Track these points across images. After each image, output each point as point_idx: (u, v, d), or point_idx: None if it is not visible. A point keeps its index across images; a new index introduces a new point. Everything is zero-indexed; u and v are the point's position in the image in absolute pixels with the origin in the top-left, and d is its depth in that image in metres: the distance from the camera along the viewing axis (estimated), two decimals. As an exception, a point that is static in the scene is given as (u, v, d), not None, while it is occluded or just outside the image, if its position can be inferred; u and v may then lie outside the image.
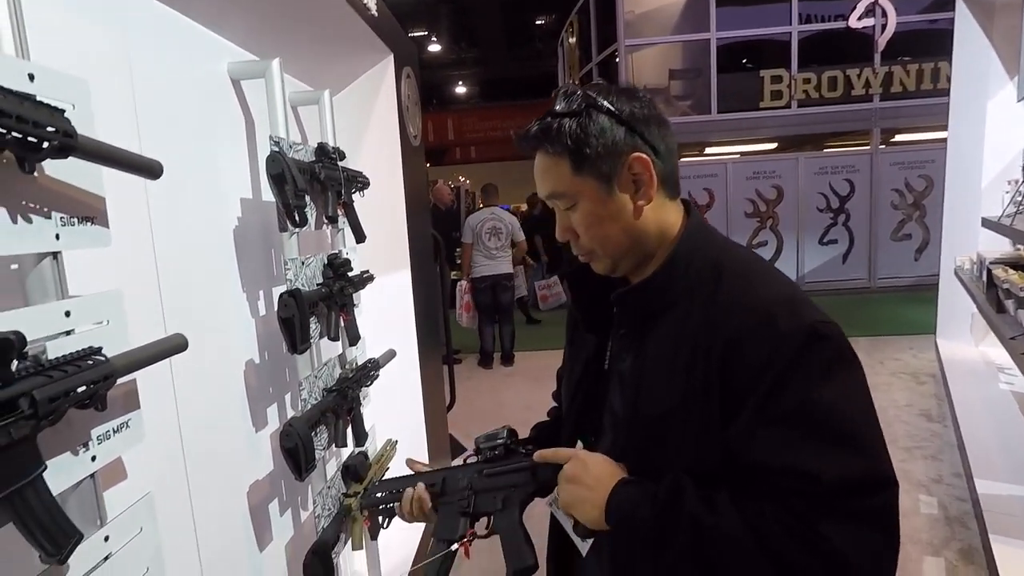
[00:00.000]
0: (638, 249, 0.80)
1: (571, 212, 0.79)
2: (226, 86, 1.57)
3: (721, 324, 0.71)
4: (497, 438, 0.91)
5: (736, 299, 0.72)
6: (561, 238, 0.83)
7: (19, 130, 0.65)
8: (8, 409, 0.63)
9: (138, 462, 1.00)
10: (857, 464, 0.65)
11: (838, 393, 0.67)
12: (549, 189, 0.80)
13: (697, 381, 0.72)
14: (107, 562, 0.83)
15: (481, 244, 5.21)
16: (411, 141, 2.65)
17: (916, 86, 7.47)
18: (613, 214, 0.77)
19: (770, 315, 0.70)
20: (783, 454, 0.66)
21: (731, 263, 0.77)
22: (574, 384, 0.91)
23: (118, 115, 1.12)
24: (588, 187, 0.76)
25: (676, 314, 0.76)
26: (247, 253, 1.56)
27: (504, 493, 0.86)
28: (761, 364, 0.68)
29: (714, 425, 0.71)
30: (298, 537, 1.77)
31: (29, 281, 0.78)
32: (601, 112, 0.75)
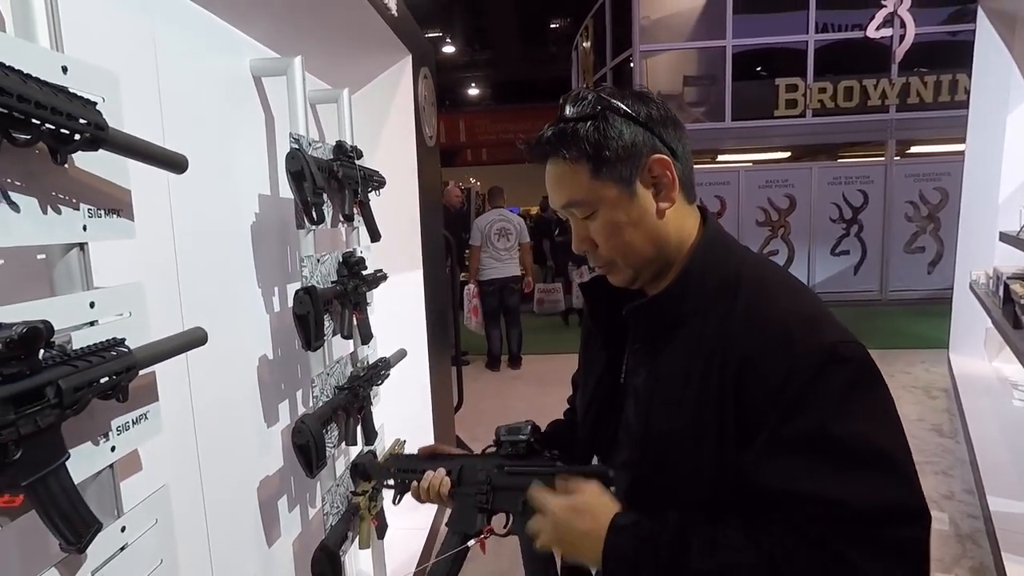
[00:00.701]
0: (660, 257, 0.76)
1: (589, 221, 0.75)
2: (248, 83, 1.58)
3: (737, 340, 0.68)
4: (520, 433, 0.87)
5: (753, 314, 0.69)
6: (578, 249, 0.79)
7: (53, 122, 0.66)
8: (35, 397, 0.64)
9: (153, 454, 1.01)
10: (889, 491, 0.61)
11: (863, 416, 0.63)
12: (566, 198, 0.75)
13: (711, 399, 0.68)
14: (123, 552, 0.83)
15: (490, 246, 5.19)
16: (427, 142, 2.65)
17: (933, 98, 7.41)
18: (635, 220, 0.74)
19: (787, 332, 0.66)
20: (804, 481, 0.62)
21: (750, 275, 0.73)
22: (588, 396, 0.89)
23: (144, 109, 1.13)
24: (608, 193, 0.73)
25: (691, 328, 0.73)
26: (264, 249, 1.56)
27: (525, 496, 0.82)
28: (777, 385, 0.64)
29: (729, 445, 0.68)
30: (306, 534, 1.78)
31: (56, 272, 0.78)
32: (618, 114, 0.72)
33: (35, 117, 0.64)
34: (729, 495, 0.68)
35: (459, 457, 0.95)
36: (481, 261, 5.21)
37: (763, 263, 0.78)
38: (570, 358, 0.98)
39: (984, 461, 2.90)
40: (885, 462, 0.63)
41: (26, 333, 0.61)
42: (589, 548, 0.71)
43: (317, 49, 1.83)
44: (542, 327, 6.96)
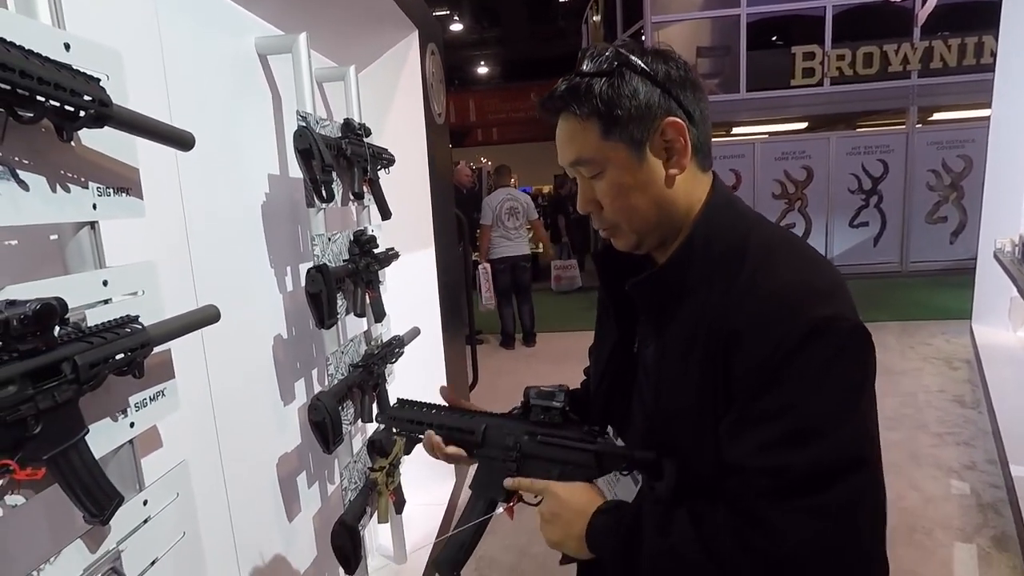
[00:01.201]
0: (665, 223, 0.74)
1: (596, 181, 0.73)
2: (253, 61, 1.57)
3: (731, 313, 0.66)
4: (554, 399, 0.82)
5: (752, 286, 0.66)
6: (583, 209, 0.77)
7: (57, 98, 0.66)
8: (52, 373, 0.65)
9: (172, 432, 1.03)
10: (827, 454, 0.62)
11: (825, 393, 0.62)
12: (574, 155, 0.73)
13: (709, 374, 0.68)
14: (146, 525, 0.85)
15: (501, 225, 5.22)
16: (435, 119, 2.63)
17: (958, 62, 7.16)
18: (642, 184, 0.71)
19: (779, 307, 0.64)
20: (758, 455, 0.63)
21: (759, 243, 0.70)
22: (602, 367, 0.87)
23: (149, 88, 1.13)
24: (617, 153, 0.70)
25: (695, 300, 0.71)
26: (275, 228, 1.57)
27: (560, 468, 0.78)
28: (758, 361, 0.63)
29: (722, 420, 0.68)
30: (326, 509, 1.81)
31: (68, 250, 0.79)
32: (635, 72, 0.68)
33: (38, 93, 0.64)
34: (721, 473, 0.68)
35: (480, 415, 0.89)
36: (492, 240, 5.22)
37: (775, 231, 0.74)
38: (585, 335, 0.95)
39: (1008, 431, 2.86)
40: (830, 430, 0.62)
41: (40, 310, 0.62)
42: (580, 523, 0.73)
43: (322, 27, 1.81)
44: (557, 304, 6.96)
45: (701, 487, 0.69)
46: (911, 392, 3.68)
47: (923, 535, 2.34)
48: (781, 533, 0.61)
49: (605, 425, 0.84)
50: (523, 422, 0.85)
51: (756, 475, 0.63)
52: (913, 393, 3.67)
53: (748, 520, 0.63)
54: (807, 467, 0.61)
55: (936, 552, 2.25)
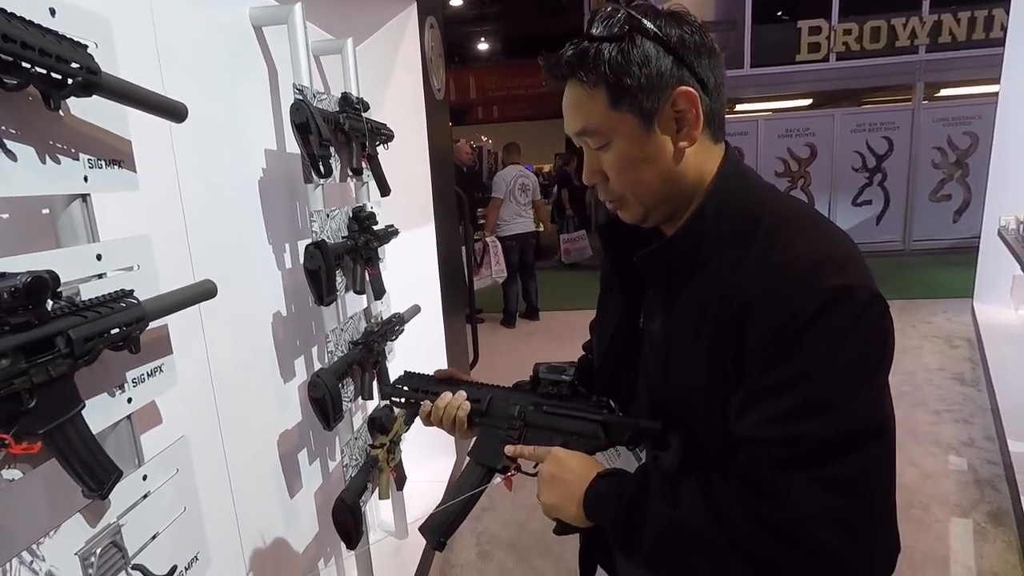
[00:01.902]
0: (674, 197, 0.71)
1: (602, 152, 0.71)
2: (248, 32, 1.53)
3: (744, 285, 0.64)
4: (563, 374, 0.82)
5: (765, 258, 0.64)
6: (588, 181, 0.74)
7: (42, 64, 0.64)
8: (45, 347, 0.64)
9: (172, 408, 1.03)
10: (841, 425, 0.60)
11: (842, 362, 0.60)
12: (580, 124, 0.70)
13: (720, 349, 0.66)
14: (146, 500, 0.85)
15: (513, 200, 5.28)
16: (435, 94, 2.59)
17: (967, 36, 7.02)
18: (650, 156, 0.68)
19: (794, 277, 0.62)
20: (770, 426, 0.61)
21: (772, 215, 0.68)
22: (607, 341, 0.86)
23: (140, 59, 1.10)
24: (625, 124, 0.67)
25: (706, 274, 0.69)
26: (272, 204, 1.55)
27: (564, 438, 0.78)
28: (772, 332, 0.61)
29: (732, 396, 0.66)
30: (327, 485, 1.82)
31: (60, 223, 0.78)
32: (647, 38, 0.65)
33: (23, 59, 0.62)
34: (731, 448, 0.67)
35: (486, 387, 0.90)
36: (503, 216, 5.26)
37: (789, 201, 0.72)
38: (587, 313, 0.95)
39: (1007, 408, 2.87)
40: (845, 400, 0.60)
41: (31, 282, 0.61)
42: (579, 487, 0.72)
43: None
44: (561, 281, 6.96)
45: (709, 463, 0.68)
46: (911, 370, 3.69)
47: (920, 510, 2.36)
48: (792, 503, 0.60)
49: (608, 398, 0.83)
50: (530, 394, 0.85)
51: (768, 446, 0.61)
52: (913, 371, 3.68)
53: (759, 490, 0.62)
54: (820, 437, 0.59)
55: (932, 527, 2.27)
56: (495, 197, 5.27)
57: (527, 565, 2.22)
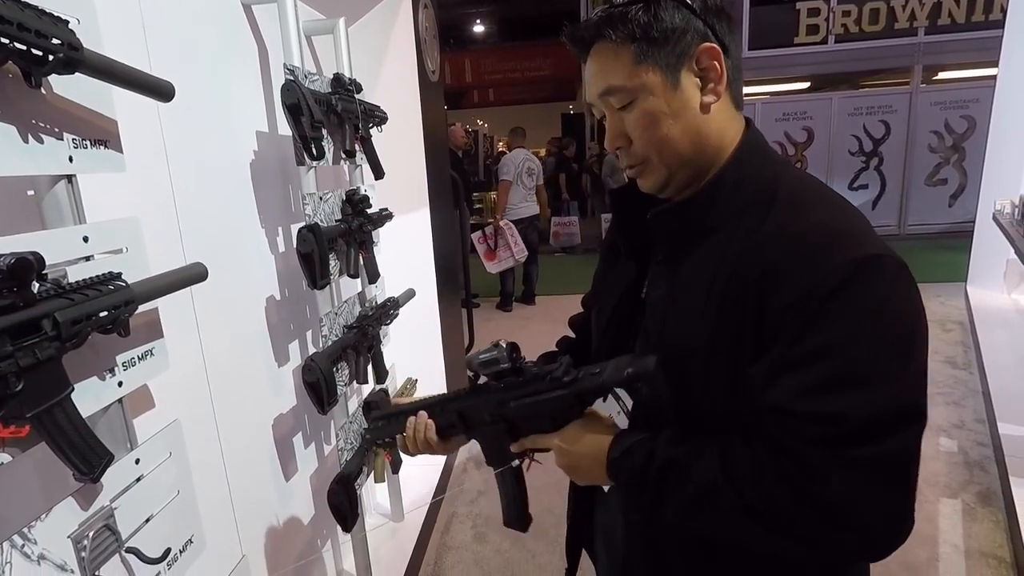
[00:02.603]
0: (697, 158, 0.71)
1: (625, 112, 0.71)
2: (237, 11, 1.50)
3: (763, 253, 0.64)
4: (499, 363, 0.77)
5: (784, 226, 0.65)
6: (612, 145, 0.74)
7: (21, 40, 0.62)
8: (31, 330, 0.63)
9: (165, 392, 1.02)
10: (884, 403, 0.58)
11: (885, 334, 0.59)
12: (604, 84, 0.71)
13: (730, 315, 0.65)
14: (139, 483, 0.85)
15: (521, 183, 5.31)
16: (429, 76, 2.56)
17: (966, 18, 6.97)
18: (676, 111, 0.69)
19: (816, 246, 0.61)
20: (804, 400, 0.60)
21: (788, 188, 0.69)
22: (608, 312, 0.85)
23: (126, 37, 1.08)
24: (651, 79, 0.68)
25: (718, 240, 0.69)
26: (264, 187, 1.53)
27: (550, 420, 0.76)
28: (797, 299, 0.60)
29: (743, 360, 0.65)
30: (322, 469, 1.83)
31: (45, 205, 0.76)
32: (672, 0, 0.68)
33: (1, 34, 0.60)
34: (740, 410, 0.66)
35: (451, 400, 0.86)
36: (511, 200, 5.30)
37: (805, 177, 0.72)
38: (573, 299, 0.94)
39: (997, 390, 2.90)
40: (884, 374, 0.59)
41: (15, 264, 0.60)
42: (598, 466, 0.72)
43: (308, -25, 1.73)
44: (556, 267, 6.95)
45: (706, 426, 0.68)
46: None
47: (911, 492, 2.39)
48: (832, 479, 0.59)
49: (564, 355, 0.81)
50: (488, 392, 0.81)
51: (806, 421, 0.60)
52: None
53: (795, 463, 0.60)
54: (863, 416, 0.58)
55: (922, 507, 2.30)
56: (504, 180, 5.29)
57: (522, 547, 2.24)
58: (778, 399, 0.62)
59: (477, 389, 0.83)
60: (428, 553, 2.25)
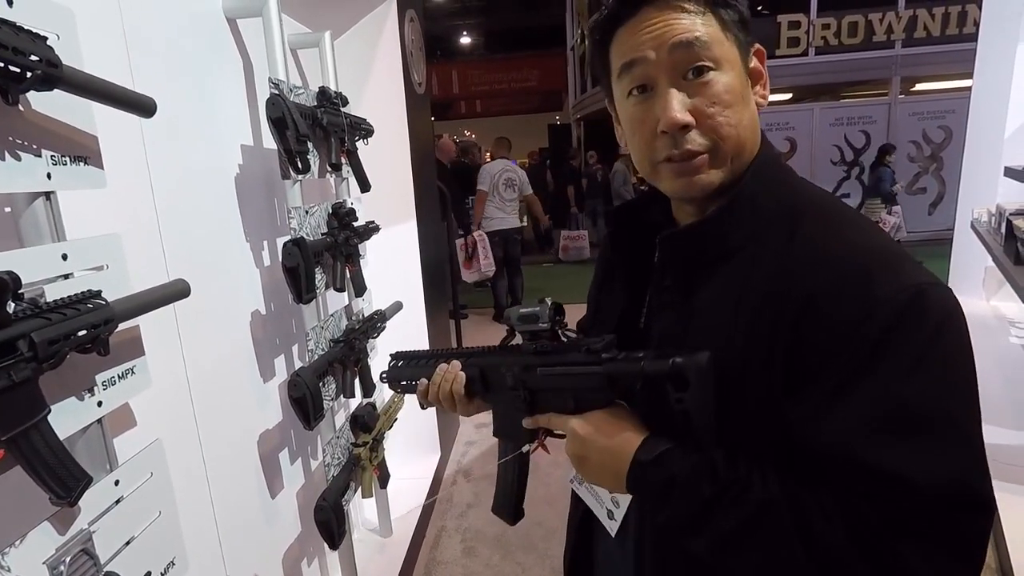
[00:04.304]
0: (744, 159, 0.64)
1: (700, 80, 0.60)
2: (221, 24, 1.50)
3: (798, 278, 0.57)
4: (539, 321, 0.70)
5: (819, 248, 0.58)
6: (680, 119, 0.60)
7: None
8: (6, 351, 0.62)
9: (147, 410, 1.00)
10: (958, 469, 0.52)
11: (941, 377, 0.53)
12: (692, 33, 0.59)
13: (760, 346, 0.58)
14: (118, 505, 0.83)
15: (497, 195, 5.20)
16: (415, 88, 2.56)
17: (941, 31, 7.16)
18: (747, 99, 0.63)
19: (862, 270, 0.55)
20: (864, 447, 0.53)
21: (809, 205, 0.63)
22: None
23: (107, 52, 1.07)
24: (732, 53, 0.61)
25: (737, 264, 0.62)
26: (249, 201, 1.52)
27: (574, 397, 0.67)
28: (848, 330, 0.54)
29: (774, 391, 0.58)
30: (309, 485, 1.80)
31: (22, 222, 0.75)
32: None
33: (-23, 52, 0.59)
34: (763, 446, 0.59)
35: (476, 355, 0.79)
36: (487, 211, 5.20)
37: (823, 194, 0.67)
38: (579, 308, 0.90)
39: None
40: (959, 436, 0.53)
41: (-10, 284, 0.59)
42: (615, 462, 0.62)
43: (294, -11, 1.74)
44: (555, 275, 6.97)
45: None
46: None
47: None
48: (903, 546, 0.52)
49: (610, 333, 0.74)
50: (517, 354, 0.73)
51: (872, 478, 0.52)
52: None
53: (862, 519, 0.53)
54: (941, 484, 0.51)
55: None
56: (480, 190, 5.22)
57: (512, 561, 2.22)
58: (836, 438, 0.54)
59: (508, 349, 0.76)
60: (417, 568, 2.22)
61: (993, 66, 4.12)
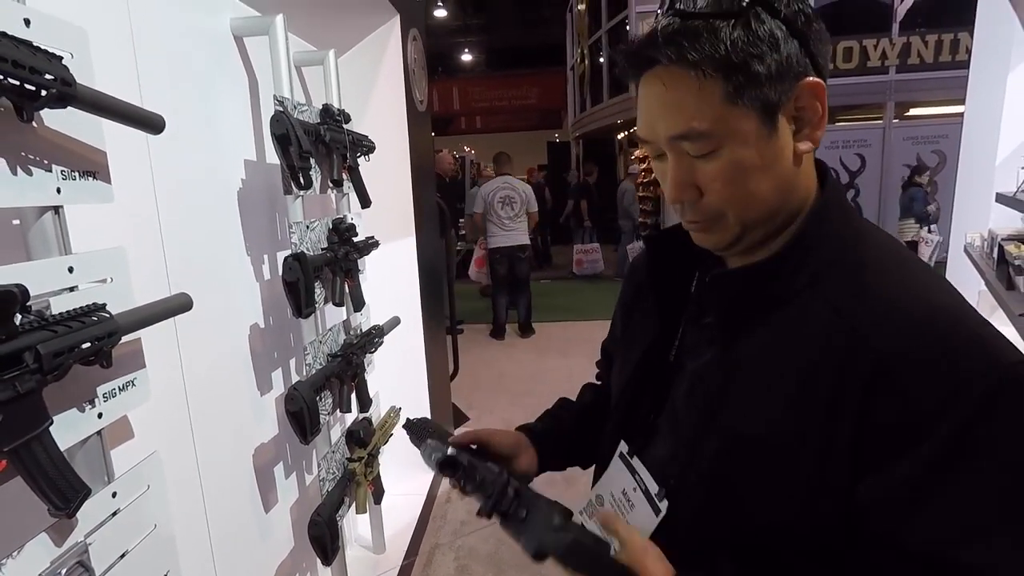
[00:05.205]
0: (781, 213, 0.58)
1: (703, 161, 0.55)
2: (228, 43, 1.53)
3: (868, 334, 0.51)
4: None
5: (891, 303, 0.52)
6: (677, 198, 0.58)
7: (15, 76, 0.63)
8: (12, 363, 0.63)
9: (145, 422, 1.01)
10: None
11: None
12: (684, 126, 0.54)
13: (819, 404, 0.52)
14: (115, 517, 0.83)
15: (494, 214, 5.10)
16: (417, 106, 2.60)
17: (934, 58, 7.30)
18: (768, 162, 0.55)
19: (945, 340, 0.49)
20: (957, 544, 0.47)
21: (876, 252, 0.58)
22: (629, 372, 0.73)
23: (118, 69, 1.09)
24: (744, 124, 0.53)
25: (794, 311, 0.57)
26: (251, 215, 1.54)
27: None
28: (933, 407, 0.48)
29: (833, 467, 0.52)
30: (303, 500, 1.80)
31: (31, 236, 0.76)
32: (773, 15, 0.52)
33: (-4, 71, 0.61)
34: (813, 531, 0.53)
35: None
36: (489, 229, 5.16)
37: (891, 240, 0.61)
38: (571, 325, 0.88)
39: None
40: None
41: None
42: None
43: (301, 9, 1.77)
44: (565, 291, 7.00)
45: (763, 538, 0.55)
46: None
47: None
48: None
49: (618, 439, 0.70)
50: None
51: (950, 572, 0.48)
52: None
53: None
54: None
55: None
56: (474, 212, 5.17)
57: (506, 579, 2.20)
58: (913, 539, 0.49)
59: None
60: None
61: (984, 93, 4.19)
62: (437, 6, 13.60)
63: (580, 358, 4.28)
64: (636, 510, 0.66)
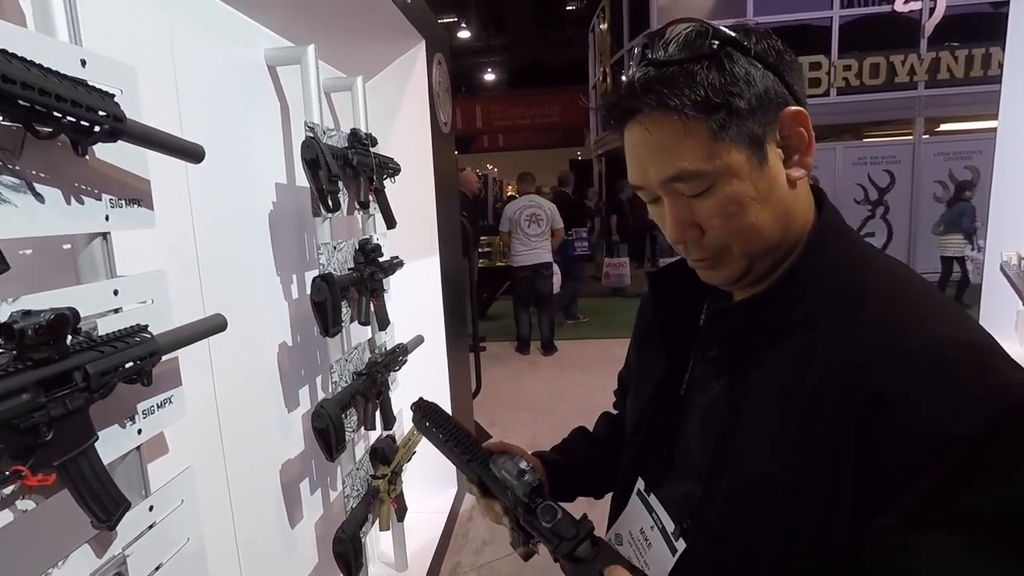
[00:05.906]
0: (786, 241, 0.59)
1: (699, 200, 0.56)
2: (263, 72, 1.60)
3: (865, 369, 0.51)
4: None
5: (889, 334, 0.52)
6: (679, 239, 0.59)
7: (73, 114, 0.68)
8: (63, 381, 0.67)
9: (178, 438, 1.04)
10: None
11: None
12: (675, 168, 0.55)
13: (822, 441, 0.52)
14: (151, 530, 0.86)
15: (520, 232, 5.20)
16: (441, 128, 2.66)
17: (965, 73, 7.17)
18: (764, 194, 0.56)
19: (944, 365, 0.48)
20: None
21: (879, 279, 0.57)
22: (640, 407, 0.73)
23: (161, 101, 1.15)
24: (734, 159, 0.54)
25: (795, 343, 0.56)
26: (281, 237, 1.59)
27: None
28: (934, 438, 0.47)
29: (839, 507, 0.51)
30: (328, 516, 1.82)
31: (80, 260, 0.81)
32: (744, 54, 0.54)
33: (56, 110, 0.66)
34: (829, 571, 0.52)
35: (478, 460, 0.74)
36: (512, 247, 5.27)
37: (893, 265, 0.60)
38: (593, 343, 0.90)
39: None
40: None
41: (54, 320, 0.64)
42: None
43: (330, 37, 1.84)
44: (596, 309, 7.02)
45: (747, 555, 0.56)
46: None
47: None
48: None
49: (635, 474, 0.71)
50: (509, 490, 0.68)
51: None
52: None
53: None
54: None
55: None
56: (502, 231, 5.31)
57: (527, 600, 2.18)
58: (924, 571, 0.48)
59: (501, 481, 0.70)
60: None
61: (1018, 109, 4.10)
62: (460, 28, 13.88)
63: (602, 376, 4.26)
64: (653, 548, 0.67)
